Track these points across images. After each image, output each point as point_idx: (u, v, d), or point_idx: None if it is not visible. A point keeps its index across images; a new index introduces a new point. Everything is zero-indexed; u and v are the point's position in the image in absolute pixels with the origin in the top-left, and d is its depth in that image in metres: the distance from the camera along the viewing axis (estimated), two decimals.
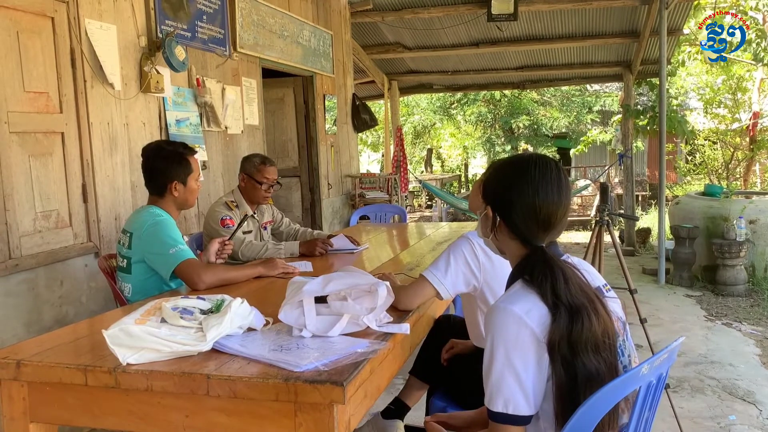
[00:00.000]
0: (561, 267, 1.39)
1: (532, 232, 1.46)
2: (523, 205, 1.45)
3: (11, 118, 2.96)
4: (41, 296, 3.14)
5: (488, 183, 1.56)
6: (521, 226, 1.46)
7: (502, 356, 1.32)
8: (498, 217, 1.51)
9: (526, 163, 1.49)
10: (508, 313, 1.33)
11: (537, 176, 1.45)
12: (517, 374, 1.30)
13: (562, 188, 1.46)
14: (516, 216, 1.46)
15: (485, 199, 1.55)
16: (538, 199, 1.44)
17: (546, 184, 1.45)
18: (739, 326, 5.02)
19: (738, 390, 3.70)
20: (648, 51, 8.64)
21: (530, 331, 1.31)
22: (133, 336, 1.65)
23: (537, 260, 1.42)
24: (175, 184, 2.69)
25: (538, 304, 1.34)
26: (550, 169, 1.47)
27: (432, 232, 4.36)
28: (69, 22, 3.31)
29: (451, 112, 17.46)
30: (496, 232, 1.53)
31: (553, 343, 1.30)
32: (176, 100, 4.19)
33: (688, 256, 6.48)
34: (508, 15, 7.12)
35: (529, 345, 1.31)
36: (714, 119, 13.26)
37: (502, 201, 1.49)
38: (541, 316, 1.32)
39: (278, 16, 5.66)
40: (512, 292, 1.41)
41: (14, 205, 2.98)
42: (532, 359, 1.31)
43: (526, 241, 1.47)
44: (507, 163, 1.57)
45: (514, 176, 1.49)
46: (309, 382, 1.49)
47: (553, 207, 1.45)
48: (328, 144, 6.92)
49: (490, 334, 1.35)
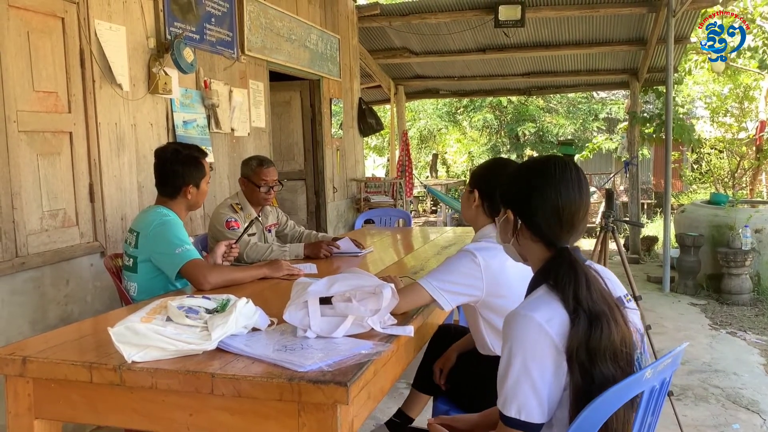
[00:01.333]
0: (585, 271, 1.38)
1: (555, 233, 1.45)
2: (546, 206, 1.44)
3: (20, 117, 2.98)
4: (47, 295, 3.16)
5: (506, 187, 1.56)
6: (544, 228, 1.45)
7: (519, 363, 1.31)
8: (519, 221, 1.50)
9: (546, 165, 1.49)
10: (528, 320, 1.32)
11: (558, 176, 1.45)
12: (533, 382, 1.30)
13: (582, 187, 1.46)
14: (539, 217, 1.45)
15: (504, 204, 1.54)
16: (560, 199, 1.43)
17: (567, 184, 1.44)
18: (743, 335, 5.00)
19: (742, 399, 3.69)
20: (655, 59, 8.63)
21: (550, 340, 1.30)
22: (138, 334, 1.66)
23: (562, 261, 1.40)
24: (190, 188, 2.73)
25: (559, 311, 1.33)
26: (570, 169, 1.47)
27: (436, 236, 4.36)
28: (79, 23, 3.33)
29: (457, 117, 17.46)
30: (518, 237, 1.51)
31: (571, 349, 1.29)
32: (184, 101, 4.21)
33: (693, 265, 6.46)
34: (515, 21, 7.14)
35: (548, 353, 1.30)
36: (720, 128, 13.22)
37: (524, 204, 1.48)
38: (561, 323, 1.31)
39: (286, 20, 5.68)
40: (534, 299, 1.39)
41: (22, 203, 3.00)
42: (550, 368, 1.30)
43: (550, 242, 1.45)
44: (525, 166, 1.57)
45: (534, 178, 1.49)
46: (313, 382, 1.49)
47: (575, 206, 1.44)
48: (334, 148, 6.93)
49: (509, 340, 1.34)
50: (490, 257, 2.10)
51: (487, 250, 2.13)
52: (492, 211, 2.25)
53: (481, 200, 2.25)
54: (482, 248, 2.14)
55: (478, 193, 2.25)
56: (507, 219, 1.53)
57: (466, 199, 2.32)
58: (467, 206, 2.32)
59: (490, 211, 2.24)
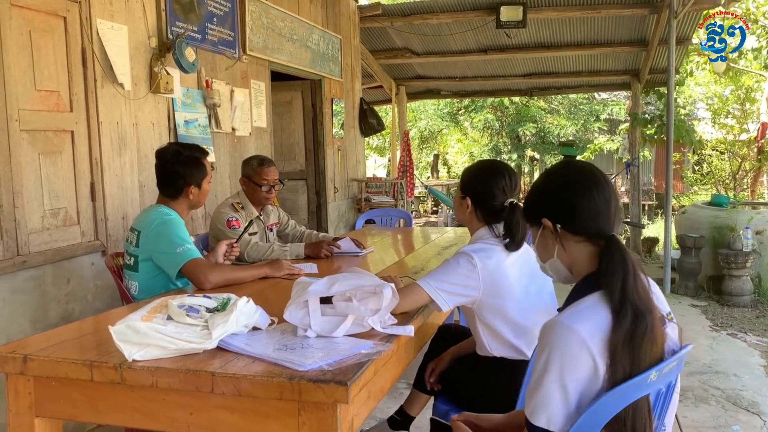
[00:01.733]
0: (633, 261, 1.36)
1: (598, 223, 1.42)
2: (583, 199, 1.43)
3: (22, 116, 2.99)
4: (48, 293, 3.16)
5: (533, 201, 1.54)
6: (585, 221, 1.43)
7: (555, 374, 1.27)
8: (558, 226, 1.46)
9: (567, 167, 1.52)
10: (572, 332, 1.28)
11: (575, 169, 1.49)
12: (567, 395, 1.27)
13: (606, 179, 1.48)
14: (579, 213, 1.43)
15: (537, 218, 1.51)
16: (595, 188, 1.43)
17: (592, 175, 1.46)
18: (744, 337, 5.00)
19: (742, 400, 3.69)
20: (656, 60, 8.63)
21: (591, 356, 1.26)
22: (139, 333, 1.66)
23: (614, 248, 1.37)
24: (192, 188, 2.74)
25: (604, 321, 1.29)
26: (586, 165, 1.51)
27: (437, 236, 4.37)
28: (81, 22, 3.33)
29: (458, 118, 17.46)
30: (562, 243, 1.47)
31: (614, 349, 1.26)
32: (185, 101, 4.21)
33: (694, 266, 6.46)
34: (516, 22, 7.14)
35: (586, 366, 1.27)
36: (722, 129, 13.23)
37: (556, 205, 1.47)
38: (604, 338, 1.27)
39: (288, 20, 5.68)
40: (581, 308, 1.34)
41: (23, 202, 3.00)
42: (585, 381, 1.27)
43: (596, 234, 1.42)
44: (548, 178, 1.56)
45: (561, 179, 1.50)
46: (313, 381, 1.50)
47: (607, 194, 1.44)
48: (335, 148, 6.93)
49: (547, 348, 1.30)
50: (486, 258, 2.12)
51: (484, 251, 2.15)
52: (485, 215, 2.26)
53: (474, 207, 2.27)
54: (478, 250, 2.16)
55: (470, 201, 2.27)
56: (545, 231, 1.50)
57: (459, 205, 2.33)
58: (461, 211, 2.34)
59: (483, 215, 2.26)
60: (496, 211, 2.22)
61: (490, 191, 2.23)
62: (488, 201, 2.23)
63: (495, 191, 2.22)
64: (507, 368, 2.17)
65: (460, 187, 2.35)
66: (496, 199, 2.22)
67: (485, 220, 2.26)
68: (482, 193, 2.25)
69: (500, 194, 2.22)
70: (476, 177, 2.31)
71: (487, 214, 2.25)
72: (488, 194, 2.23)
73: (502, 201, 2.21)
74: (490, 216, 2.24)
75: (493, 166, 2.35)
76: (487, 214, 2.25)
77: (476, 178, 2.30)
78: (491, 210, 2.23)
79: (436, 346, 2.63)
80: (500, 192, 2.22)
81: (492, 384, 2.21)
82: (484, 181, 2.26)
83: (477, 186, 2.28)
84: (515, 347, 2.18)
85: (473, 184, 2.29)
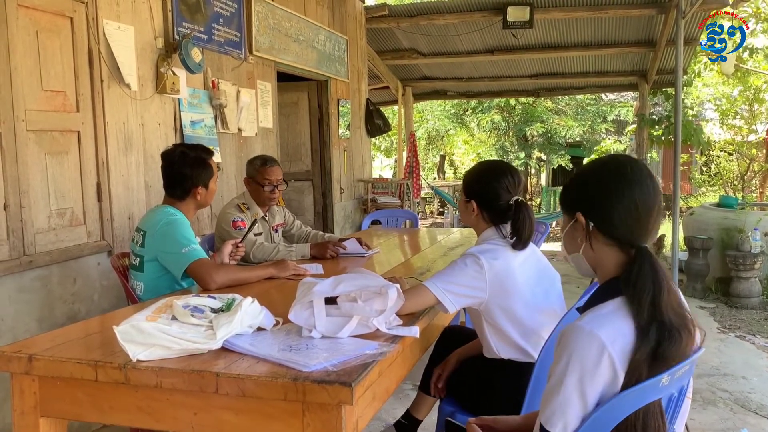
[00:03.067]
0: (665, 275, 1.30)
1: (634, 232, 1.35)
2: (624, 203, 1.35)
3: (29, 116, 2.99)
4: (54, 293, 3.17)
5: (571, 191, 1.47)
6: (620, 227, 1.36)
7: (575, 380, 1.24)
8: (592, 224, 1.39)
9: (619, 162, 1.42)
10: (593, 338, 1.24)
11: (632, 173, 1.37)
12: (585, 402, 1.24)
13: (656, 184, 1.39)
14: (615, 217, 1.36)
15: (572, 209, 1.44)
16: (638, 195, 1.35)
17: (642, 180, 1.37)
18: (752, 339, 4.96)
19: (750, 403, 3.66)
20: (664, 61, 8.59)
21: (611, 362, 1.23)
22: (143, 333, 1.66)
23: (644, 261, 1.31)
24: (199, 189, 2.75)
25: (626, 329, 1.25)
26: (642, 166, 1.40)
27: (443, 237, 4.35)
28: (87, 23, 3.34)
29: (464, 119, 17.43)
30: (591, 241, 1.41)
31: (635, 364, 1.23)
32: (191, 101, 4.22)
33: (702, 268, 6.42)
34: (523, 22, 7.12)
35: (605, 374, 1.24)
36: (730, 130, 13.16)
37: (599, 203, 1.39)
38: (624, 343, 1.24)
39: (294, 21, 5.69)
40: (602, 313, 1.30)
41: (30, 202, 3.01)
42: (603, 387, 1.25)
43: (628, 242, 1.36)
44: (594, 167, 1.47)
45: (609, 176, 1.40)
46: (317, 382, 1.49)
47: (651, 202, 1.36)
48: (341, 148, 6.93)
49: (566, 353, 1.26)
50: (492, 259, 2.11)
51: (491, 252, 2.13)
52: (492, 216, 2.24)
53: (480, 209, 2.25)
54: (485, 251, 2.14)
55: (475, 204, 2.25)
56: (576, 224, 1.43)
57: (464, 209, 2.31)
58: (466, 215, 2.32)
59: (490, 217, 2.24)
60: (502, 211, 2.21)
61: (494, 192, 2.21)
62: (494, 202, 2.21)
63: (499, 191, 2.20)
64: (514, 370, 2.16)
65: (464, 191, 2.32)
66: (501, 199, 2.20)
67: (492, 221, 2.24)
68: (487, 195, 2.23)
69: (505, 194, 2.20)
70: (479, 179, 2.28)
71: (494, 215, 2.23)
72: (493, 195, 2.21)
73: (507, 200, 2.20)
74: (497, 217, 2.23)
75: (494, 166, 2.33)
76: (494, 215, 2.23)
77: (479, 180, 2.28)
78: (497, 211, 2.22)
79: (441, 347, 2.62)
80: (505, 191, 2.20)
81: (499, 386, 2.19)
82: (487, 182, 2.24)
83: (481, 188, 2.26)
84: (522, 349, 2.17)
85: (476, 186, 2.27)
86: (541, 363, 1.92)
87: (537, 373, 1.93)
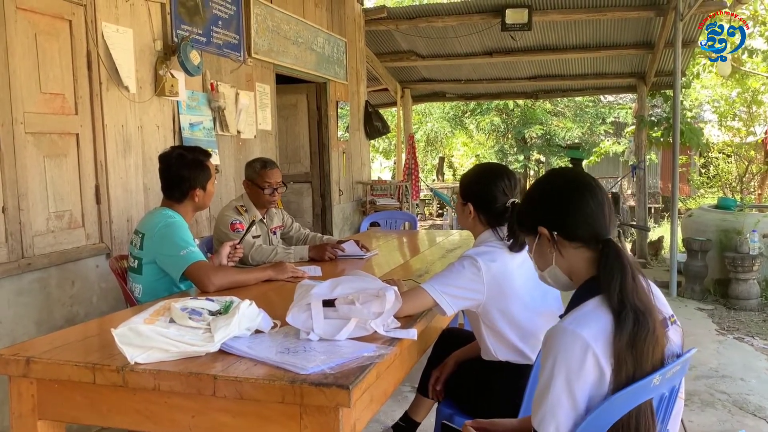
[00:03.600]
0: (631, 262, 1.37)
1: (594, 227, 1.43)
2: (581, 205, 1.44)
3: (27, 119, 3.00)
4: (53, 295, 3.17)
5: (526, 212, 1.56)
6: (580, 228, 1.44)
7: (562, 381, 1.26)
8: (555, 232, 1.47)
9: (560, 175, 1.58)
10: (576, 337, 1.27)
11: (574, 178, 1.51)
12: (575, 402, 1.26)
13: (598, 183, 1.49)
14: (574, 220, 1.45)
15: (533, 226, 1.51)
16: (590, 195, 1.45)
17: (587, 183, 1.48)
18: (751, 341, 4.97)
19: (749, 405, 3.66)
20: (662, 63, 8.60)
21: (596, 360, 1.26)
22: (141, 335, 1.66)
23: (610, 252, 1.38)
24: (197, 191, 2.74)
25: (608, 327, 1.28)
26: (580, 172, 1.55)
27: (442, 239, 4.36)
28: (86, 25, 3.35)
29: (463, 120, 17.44)
30: (559, 250, 1.48)
31: (618, 355, 1.26)
32: (190, 104, 4.22)
33: (701, 269, 6.42)
34: (522, 25, 7.13)
35: (591, 372, 1.26)
36: (728, 132, 13.18)
37: (558, 213, 1.47)
38: (608, 341, 1.27)
39: (293, 23, 5.69)
40: (583, 313, 1.34)
41: (28, 204, 3.01)
42: (591, 385, 1.26)
43: (593, 238, 1.43)
44: (542, 186, 1.57)
45: (558, 188, 1.51)
46: (315, 384, 1.49)
47: (600, 198, 1.45)
48: (340, 150, 6.94)
49: (552, 355, 1.29)
50: (490, 261, 2.11)
51: (488, 254, 2.14)
52: (488, 219, 2.25)
53: (476, 212, 2.26)
54: (483, 253, 2.14)
55: (472, 206, 2.26)
56: (541, 239, 1.50)
57: (461, 211, 2.32)
58: (463, 217, 2.33)
59: (487, 219, 2.25)
60: (498, 213, 2.21)
61: (491, 194, 2.22)
62: (490, 204, 2.22)
63: (496, 193, 2.21)
64: (512, 372, 2.16)
65: (460, 193, 2.33)
66: (498, 201, 2.21)
67: (489, 223, 2.25)
68: (483, 197, 2.24)
69: (501, 196, 2.21)
70: (475, 181, 2.29)
71: (490, 218, 2.24)
72: (489, 197, 2.22)
73: (504, 202, 2.21)
74: (494, 219, 2.24)
75: (491, 169, 2.34)
76: (490, 218, 2.24)
77: (475, 182, 2.29)
78: (494, 213, 2.22)
79: (439, 349, 2.62)
80: (501, 193, 2.21)
81: (497, 388, 2.20)
82: (483, 184, 2.25)
83: (477, 190, 2.27)
84: (520, 351, 2.17)
85: (473, 189, 2.28)
86: (539, 365, 1.93)
87: (535, 375, 1.93)
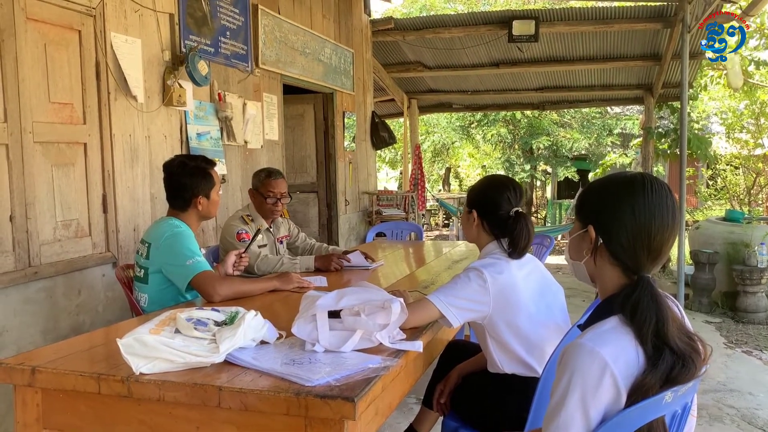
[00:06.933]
0: (667, 306, 1.27)
1: (640, 260, 1.31)
2: (636, 228, 1.30)
3: (36, 128, 3.01)
4: (59, 304, 3.17)
5: (589, 200, 1.41)
6: (628, 252, 1.31)
7: (577, 399, 1.22)
8: (600, 240, 1.34)
9: (640, 181, 1.33)
10: (594, 356, 1.21)
11: (652, 196, 1.30)
12: (588, 420, 1.22)
13: (675, 213, 1.32)
14: (624, 240, 1.31)
15: (585, 218, 1.39)
16: (654, 222, 1.29)
17: (662, 207, 1.30)
18: (759, 354, 4.92)
19: (757, 419, 3.62)
20: (669, 74, 8.60)
21: (613, 380, 1.20)
22: (147, 346, 1.65)
23: (643, 294, 1.27)
24: (200, 199, 2.75)
25: (628, 348, 1.22)
26: (665, 190, 1.31)
27: (448, 250, 4.35)
28: (95, 36, 3.37)
29: (470, 131, 17.46)
30: (595, 257, 1.37)
31: (643, 386, 1.20)
32: (198, 113, 4.24)
33: (708, 282, 6.38)
34: (528, 36, 7.15)
35: (608, 392, 1.21)
36: (736, 144, 13.13)
37: (610, 221, 1.33)
38: (627, 362, 1.21)
39: (300, 34, 5.72)
40: (603, 330, 1.27)
41: (35, 213, 3.02)
42: (606, 406, 1.22)
43: (631, 269, 1.32)
44: (614, 180, 1.38)
45: (627, 195, 1.32)
46: (320, 396, 1.48)
47: (667, 233, 1.30)
48: (347, 160, 6.95)
49: (568, 371, 1.24)
50: (497, 273, 2.11)
51: (495, 266, 2.13)
52: (492, 227, 2.26)
53: (481, 220, 2.27)
54: (489, 265, 2.14)
55: (476, 213, 2.27)
56: (585, 235, 1.39)
57: (466, 220, 2.34)
58: (468, 227, 2.34)
59: (491, 228, 2.26)
60: (502, 221, 2.22)
61: (495, 202, 2.24)
62: (495, 212, 2.24)
63: (500, 201, 2.23)
64: (518, 385, 2.15)
65: (466, 203, 2.36)
66: (502, 209, 2.22)
67: (493, 233, 2.25)
68: (488, 205, 2.26)
69: (506, 204, 2.23)
70: (481, 191, 2.33)
71: (494, 226, 2.25)
72: (494, 205, 2.24)
73: (508, 211, 2.22)
74: (497, 228, 2.24)
75: (496, 180, 2.37)
76: (494, 226, 2.25)
77: (481, 191, 2.32)
78: (498, 221, 2.23)
79: (445, 361, 2.60)
80: (506, 202, 2.23)
81: (503, 401, 2.18)
82: (488, 192, 2.29)
83: (482, 198, 2.29)
84: (527, 364, 2.16)
85: (478, 197, 2.31)
86: (545, 378, 1.91)
87: (541, 388, 1.91)
